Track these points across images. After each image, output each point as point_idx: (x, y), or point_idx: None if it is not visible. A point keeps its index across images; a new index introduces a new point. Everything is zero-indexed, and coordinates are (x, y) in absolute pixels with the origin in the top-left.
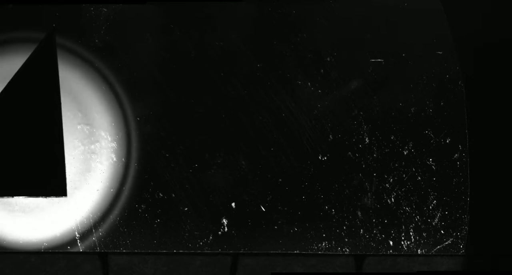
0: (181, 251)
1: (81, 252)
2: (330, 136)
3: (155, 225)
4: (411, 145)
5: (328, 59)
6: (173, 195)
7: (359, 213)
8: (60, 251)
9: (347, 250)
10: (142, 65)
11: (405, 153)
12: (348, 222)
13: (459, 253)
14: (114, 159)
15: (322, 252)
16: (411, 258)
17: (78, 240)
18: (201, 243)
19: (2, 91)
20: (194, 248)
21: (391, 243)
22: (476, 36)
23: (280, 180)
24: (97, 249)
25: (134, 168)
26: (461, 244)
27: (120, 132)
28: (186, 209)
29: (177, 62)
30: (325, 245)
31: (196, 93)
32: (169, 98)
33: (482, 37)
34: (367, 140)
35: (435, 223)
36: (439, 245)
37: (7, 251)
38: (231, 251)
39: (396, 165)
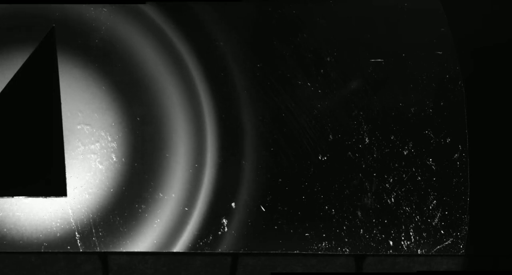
0: (181, 251)
1: (81, 252)
2: (330, 136)
3: (155, 225)
4: (411, 145)
5: (328, 59)
6: (173, 195)
7: (359, 213)
8: (60, 251)
9: (347, 250)
10: (142, 65)
11: (405, 153)
12: (348, 222)
13: (459, 253)
14: (114, 159)
15: (322, 252)
16: (411, 258)
17: (78, 240)
18: (201, 243)
19: (2, 91)
20: (194, 248)
21: (391, 243)
22: (476, 36)
23: (280, 180)
24: (97, 249)
25: (134, 168)
26: (461, 244)
27: (120, 132)
28: (186, 209)
29: (177, 62)
30: (325, 245)
31: (196, 93)
32: (169, 98)
33: (482, 37)
34: (367, 140)
35: (435, 223)
36: (439, 245)
37: (7, 251)
38: (231, 251)
39: (396, 165)
